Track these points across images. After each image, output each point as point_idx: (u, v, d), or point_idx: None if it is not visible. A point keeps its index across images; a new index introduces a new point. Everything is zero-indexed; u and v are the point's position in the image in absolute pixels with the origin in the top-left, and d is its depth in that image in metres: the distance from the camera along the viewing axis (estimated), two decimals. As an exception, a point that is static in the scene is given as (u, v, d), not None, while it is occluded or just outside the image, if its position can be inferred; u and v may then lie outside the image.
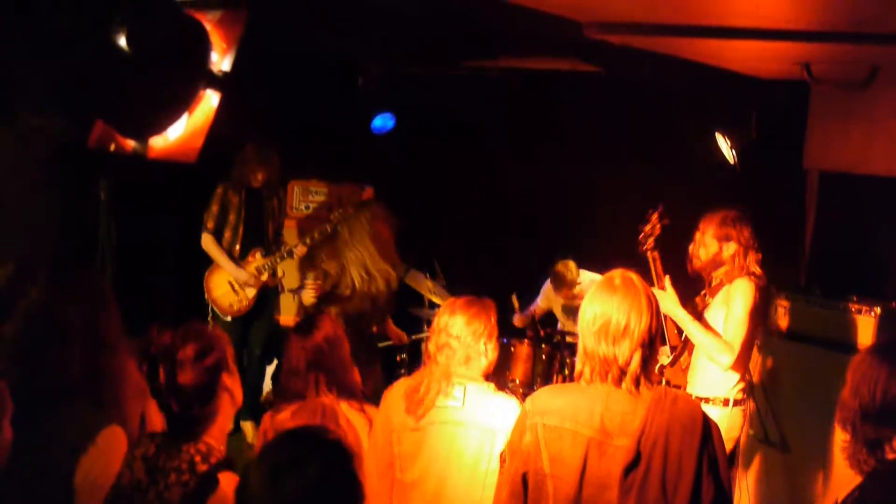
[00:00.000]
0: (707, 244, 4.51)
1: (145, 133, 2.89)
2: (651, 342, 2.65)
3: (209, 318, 6.36)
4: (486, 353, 3.32)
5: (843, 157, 5.99)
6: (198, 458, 2.46)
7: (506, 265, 7.22)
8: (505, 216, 7.31)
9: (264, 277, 6.36)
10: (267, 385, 6.81)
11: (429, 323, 6.41)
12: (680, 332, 4.62)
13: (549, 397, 2.77)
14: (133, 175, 5.99)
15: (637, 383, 2.64)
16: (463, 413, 3.25)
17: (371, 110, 7.06)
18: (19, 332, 2.74)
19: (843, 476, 2.81)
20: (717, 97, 5.99)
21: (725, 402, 4.45)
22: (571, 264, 6.56)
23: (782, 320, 5.45)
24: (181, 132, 2.86)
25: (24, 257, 3.81)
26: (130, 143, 4.51)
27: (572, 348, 5.90)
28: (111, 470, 2.55)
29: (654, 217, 4.72)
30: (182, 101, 2.85)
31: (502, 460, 2.84)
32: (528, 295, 6.94)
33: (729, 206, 4.56)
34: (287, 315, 6.72)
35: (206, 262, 6.38)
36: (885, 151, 5.76)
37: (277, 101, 6.63)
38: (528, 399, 2.80)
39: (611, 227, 6.77)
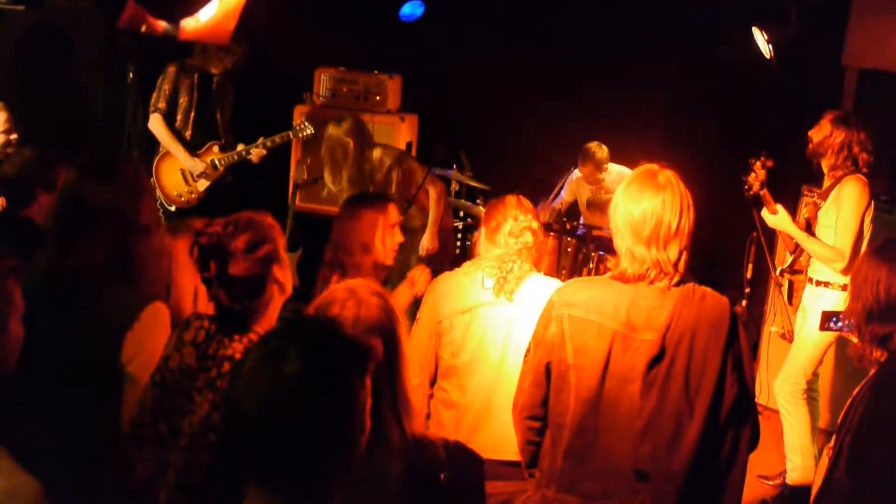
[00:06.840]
0: (822, 127, 4.69)
1: (177, 14, 2.81)
2: (689, 240, 2.63)
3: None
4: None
5: (883, 55, 5.88)
6: None
7: (532, 157, 7.15)
8: (533, 107, 7.20)
9: (220, 171, 5.96)
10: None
11: (457, 212, 6.42)
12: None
13: (575, 290, 2.77)
14: (160, 59, 5.96)
15: (672, 281, 2.62)
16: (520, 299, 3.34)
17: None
18: (52, 217, 2.73)
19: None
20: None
21: (843, 287, 4.49)
22: (605, 147, 6.50)
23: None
24: (213, 13, 2.79)
25: (43, 142, 3.82)
26: (162, 25, 4.44)
27: (597, 242, 5.91)
28: (157, 346, 2.54)
29: (758, 165, 4.66)
30: (214, -19, 2.79)
31: (527, 350, 2.86)
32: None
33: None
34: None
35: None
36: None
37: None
38: (555, 291, 2.81)
39: (642, 122, 6.68)
